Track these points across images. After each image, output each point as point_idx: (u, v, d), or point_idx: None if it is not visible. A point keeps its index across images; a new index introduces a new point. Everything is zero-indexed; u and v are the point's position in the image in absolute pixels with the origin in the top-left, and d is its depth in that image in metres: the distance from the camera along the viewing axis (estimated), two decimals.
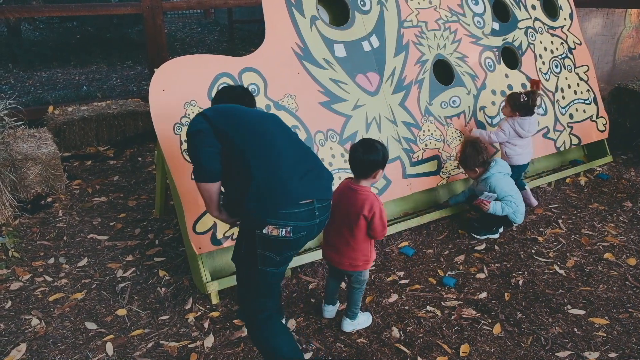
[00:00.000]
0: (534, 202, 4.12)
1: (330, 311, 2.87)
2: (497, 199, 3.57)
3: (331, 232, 2.62)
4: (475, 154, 3.59)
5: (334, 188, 2.42)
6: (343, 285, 3.00)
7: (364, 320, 2.80)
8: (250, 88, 3.19)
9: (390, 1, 3.83)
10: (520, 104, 3.78)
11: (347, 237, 2.57)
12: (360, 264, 2.61)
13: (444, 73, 4.00)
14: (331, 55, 3.51)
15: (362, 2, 3.71)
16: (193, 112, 2.99)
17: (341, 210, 2.54)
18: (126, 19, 10.50)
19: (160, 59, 5.93)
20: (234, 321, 2.87)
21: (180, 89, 3.00)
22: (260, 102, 3.20)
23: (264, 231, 2.06)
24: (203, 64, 3.11)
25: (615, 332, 2.75)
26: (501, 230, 3.74)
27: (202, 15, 15.10)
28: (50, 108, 5.58)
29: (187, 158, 2.95)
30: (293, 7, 3.44)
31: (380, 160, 2.49)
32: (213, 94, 3.05)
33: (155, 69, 3.01)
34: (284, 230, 2.06)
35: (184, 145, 2.95)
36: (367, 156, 2.46)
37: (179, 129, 2.95)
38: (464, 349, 2.62)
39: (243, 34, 11.96)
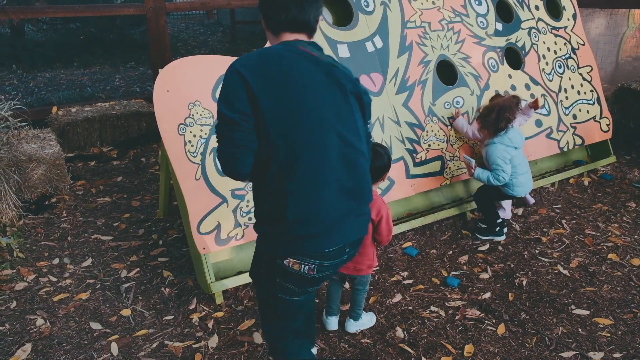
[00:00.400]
0: (531, 201, 4.12)
1: (333, 323, 2.80)
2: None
3: None
4: (490, 114, 3.46)
5: None
6: (346, 285, 3.00)
7: (367, 320, 2.80)
8: None
9: (394, 2, 3.83)
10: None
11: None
12: (364, 268, 2.61)
13: (447, 74, 4.00)
14: (335, 55, 3.51)
15: (365, 3, 3.71)
16: (197, 113, 3.00)
17: None
18: (129, 20, 10.52)
19: (163, 59, 5.95)
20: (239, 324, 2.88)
21: (185, 89, 3.00)
22: None
23: (284, 262, 1.80)
24: (207, 64, 3.12)
25: (619, 333, 2.75)
26: (505, 230, 3.72)
27: (205, 16, 15.12)
28: (54, 109, 5.60)
29: (191, 158, 2.96)
30: None
31: (386, 164, 2.51)
32: (217, 95, 3.07)
33: (159, 70, 3.02)
34: (306, 267, 1.80)
35: (188, 146, 2.96)
36: (375, 163, 2.41)
37: (183, 129, 2.96)
38: (468, 349, 2.62)
39: (245, 34, 11.98)
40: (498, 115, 3.43)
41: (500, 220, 3.68)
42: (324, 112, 1.74)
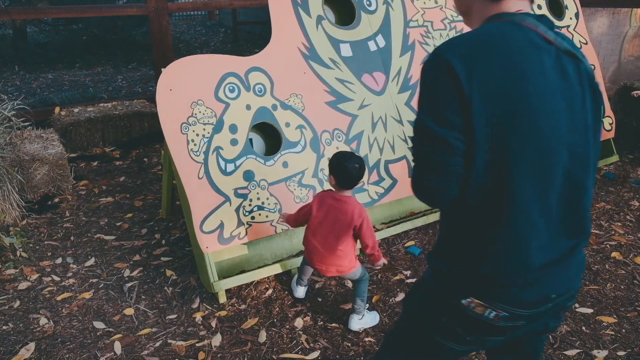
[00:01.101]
0: None
1: (301, 292, 3.00)
2: None
3: (317, 242, 2.66)
4: None
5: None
6: (349, 284, 3.00)
7: (370, 319, 2.80)
8: (256, 88, 3.20)
9: (396, 1, 3.83)
10: None
11: (335, 246, 2.62)
12: (345, 268, 2.68)
13: None
14: (337, 55, 3.52)
15: (368, 2, 3.71)
16: (200, 112, 3.00)
17: (329, 220, 2.61)
18: (131, 21, 10.54)
19: (165, 60, 5.95)
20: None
21: (187, 88, 3.01)
22: (267, 102, 3.21)
23: (464, 301, 1.37)
24: (210, 63, 3.12)
25: (623, 331, 2.74)
26: None
27: (207, 17, 15.14)
28: (57, 109, 5.61)
29: (194, 157, 2.96)
30: (299, 7, 3.45)
31: (364, 171, 2.61)
32: (220, 94, 3.07)
33: (162, 69, 3.02)
34: (493, 312, 1.35)
35: (191, 145, 2.96)
36: (363, 171, 2.57)
37: (185, 128, 2.96)
38: None
39: (247, 35, 12.00)
40: None
41: None
42: (557, 129, 1.26)
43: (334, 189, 2.65)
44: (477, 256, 1.34)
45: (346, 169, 2.52)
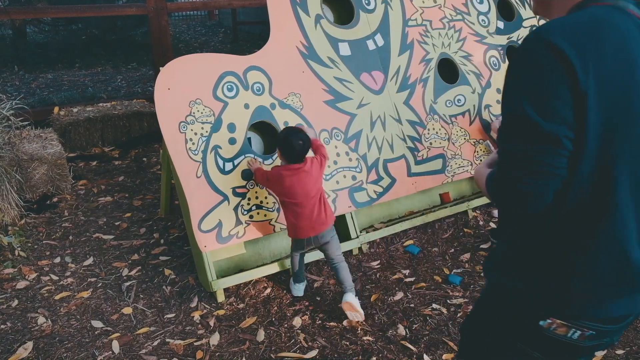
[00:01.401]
0: None
1: (301, 289, 3.06)
2: None
3: (309, 213, 2.79)
4: None
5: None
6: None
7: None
8: (255, 87, 3.19)
9: (395, 0, 3.83)
10: None
11: (322, 205, 2.82)
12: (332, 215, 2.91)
13: (448, 72, 4.00)
14: (336, 54, 3.52)
15: (366, 1, 3.71)
16: (198, 111, 3.00)
17: (308, 190, 2.77)
18: (131, 21, 10.54)
19: (165, 59, 5.94)
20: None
21: (186, 87, 3.01)
22: (265, 101, 3.21)
23: (541, 323, 1.23)
24: (208, 62, 3.12)
25: None
26: None
27: (206, 17, 15.14)
28: (56, 109, 5.61)
29: (192, 156, 2.96)
30: (298, 6, 3.44)
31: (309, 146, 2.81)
32: (218, 93, 3.07)
33: (160, 68, 3.02)
34: (577, 332, 1.21)
35: (189, 144, 2.96)
36: (308, 146, 2.79)
37: (184, 127, 2.96)
38: None
39: (247, 35, 11.99)
40: None
41: None
42: None
43: (281, 164, 2.86)
44: (565, 269, 1.17)
45: (290, 143, 2.71)
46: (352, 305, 2.76)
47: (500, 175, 1.15)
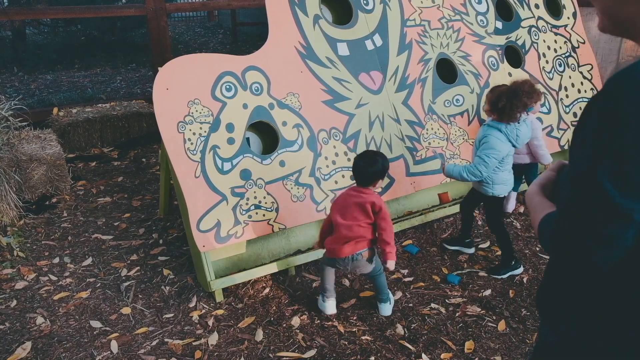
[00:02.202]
0: (510, 207, 3.98)
1: (333, 306, 2.92)
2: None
3: (343, 230, 2.72)
4: (495, 100, 3.00)
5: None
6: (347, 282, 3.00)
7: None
8: (253, 87, 3.20)
9: (393, 0, 3.83)
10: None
11: (361, 232, 2.71)
12: (366, 244, 2.76)
13: (447, 72, 4.00)
14: (334, 54, 3.52)
15: (365, 1, 3.71)
16: (196, 111, 3.00)
17: (351, 209, 2.70)
18: (130, 22, 10.55)
19: (164, 60, 5.93)
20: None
21: (184, 87, 3.01)
22: (264, 101, 3.21)
23: None
24: (207, 62, 3.12)
25: None
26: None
27: (206, 18, 15.16)
28: (55, 110, 5.61)
29: (191, 156, 2.96)
30: (296, 6, 3.45)
31: (380, 170, 2.68)
32: (216, 93, 3.07)
33: (159, 68, 3.02)
34: None
35: (188, 144, 2.96)
36: (369, 169, 2.67)
37: (182, 127, 2.96)
38: (469, 345, 2.62)
39: (246, 36, 12.00)
40: (511, 102, 2.94)
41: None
42: None
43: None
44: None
45: (355, 164, 2.71)
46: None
47: (562, 232, 1.02)
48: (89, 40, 10.59)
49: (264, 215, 3.10)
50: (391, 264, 2.70)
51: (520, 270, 3.24)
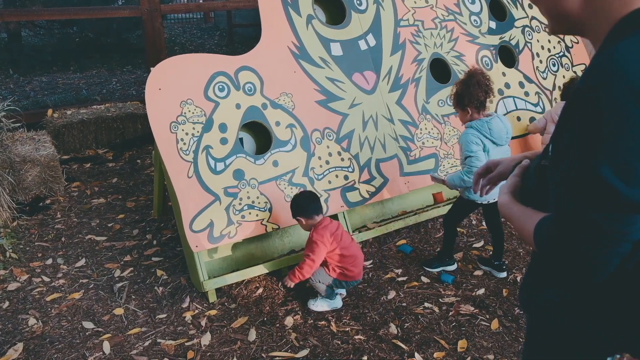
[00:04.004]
0: None
1: (340, 300, 3.01)
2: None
3: (355, 255, 2.94)
4: (459, 92, 2.98)
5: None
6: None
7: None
8: (246, 87, 3.19)
9: (387, 0, 3.84)
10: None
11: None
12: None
13: (441, 71, 4.01)
14: (327, 54, 3.52)
15: (358, 2, 3.72)
16: (189, 111, 3.00)
17: (344, 236, 2.94)
18: (125, 24, 10.53)
19: (159, 62, 5.92)
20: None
21: (177, 87, 3.00)
22: (257, 101, 3.21)
23: (609, 359, 1.09)
24: (199, 62, 3.12)
25: None
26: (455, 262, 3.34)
27: (202, 20, 15.16)
28: (49, 111, 5.59)
29: (183, 156, 2.95)
30: (289, 6, 3.45)
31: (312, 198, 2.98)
32: (209, 93, 3.07)
33: (152, 68, 3.02)
34: None
35: (180, 144, 2.95)
36: (310, 198, 2.98)
37: (175, 127, 2.96)
38: (462, 344, 2.61)
39: (242, 38, 12.00)
40: (461, 92, 2.94)
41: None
42: None
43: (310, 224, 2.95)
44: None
45: (300, 203, 2.94)
46: None
47: (562, 235, 0.97)
48: (84, 42, 10.57)
49: (257, 215, 3.09)
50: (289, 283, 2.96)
51: (454, 267, 3.28)
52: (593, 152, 0.89)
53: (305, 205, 2.91)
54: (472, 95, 2.91)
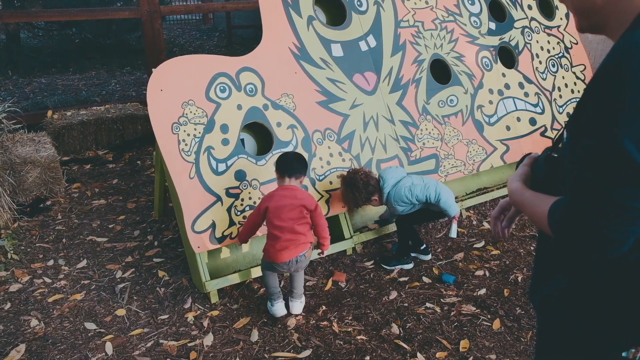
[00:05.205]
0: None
1: (282, 308, 2.90)
2: (428, 203, 3.23)
3: (286, 233, 2.75)
4: (356, 192, 3.21)
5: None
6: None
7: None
8: (247, 88, 3.20)
9: (387, 1, 3.85)
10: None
11: (299, 232, 2.76)
12: (309, 247, 2.86)
13: (441, 72, 4.02)
14: (328, 55, 3.53)
15: (358, 3, 3.72)
16: (191, 112, 3.00)
17: (285, 209, 2.74)
18: (125, 26, 10.54)
19: (158, 63, 5.89)
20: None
21: (178, 88, 3.01)
22: (258, 102, 3.21)
23: (624, 354, 1.10)
24: (201, 63, 3.13)
25: None
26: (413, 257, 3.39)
27: (201, 21, 15.17)
28: (49, 113, 5.59)
29: (185, 157, 2.96)
30: (290, 7, 3.46)
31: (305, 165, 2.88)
32: (211, 94, 3.08)
33: (153, 70, 3.03)
34: None
35: (182, 145, 2.96)
36: (298, 159, 2.85)
37: (177, 128, 2.96)
38: (464, 344, 2.62)
39: (242, 39, 12.00)
40: (353, 193, 3.21)
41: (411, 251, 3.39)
42: None
43: (278, 184, 2.87)
44: None
45: (281, 157, 2.83)
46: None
47: (577, 214, 0.96)
48: (83, 44, 10.57)
49: None
50: (326, 252, 3.01)
51: (410, 265, 3.32)
52: (616, 126, 0.89)
53: (279, 160, 2.84)
54: (360, 195, 3.22)
